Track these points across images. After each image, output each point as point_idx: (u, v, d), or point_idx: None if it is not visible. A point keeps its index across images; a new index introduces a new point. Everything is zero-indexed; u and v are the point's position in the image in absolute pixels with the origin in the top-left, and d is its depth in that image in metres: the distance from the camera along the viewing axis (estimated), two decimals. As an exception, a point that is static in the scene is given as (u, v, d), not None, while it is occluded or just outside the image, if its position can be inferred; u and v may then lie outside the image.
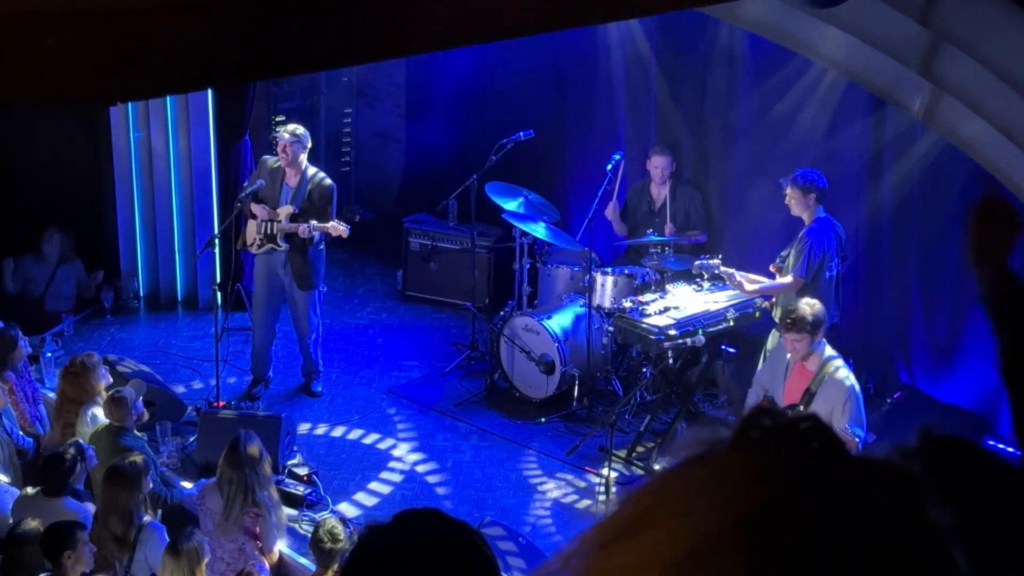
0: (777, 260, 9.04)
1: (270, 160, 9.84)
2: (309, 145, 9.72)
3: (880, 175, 9.38)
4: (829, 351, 7.89)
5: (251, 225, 9.85)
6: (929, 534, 0.99)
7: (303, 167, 9.67)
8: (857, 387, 7.76)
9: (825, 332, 7.86)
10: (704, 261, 9.20)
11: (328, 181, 9.78)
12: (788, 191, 8.86)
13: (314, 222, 9.59)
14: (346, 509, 8.68)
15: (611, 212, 10.25)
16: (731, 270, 9.00)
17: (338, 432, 9.74)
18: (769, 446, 1.01)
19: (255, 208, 9.76)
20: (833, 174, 9.43)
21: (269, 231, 9.72)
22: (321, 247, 9.90)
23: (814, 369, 7.83)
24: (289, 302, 10.05)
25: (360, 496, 8.93)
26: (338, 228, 9.65)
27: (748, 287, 8.92)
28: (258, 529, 7.16)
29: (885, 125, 9.19)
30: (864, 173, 9.46)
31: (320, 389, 10.32)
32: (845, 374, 7.78)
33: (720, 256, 9.25)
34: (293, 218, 9.64)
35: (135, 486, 6.96)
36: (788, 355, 7.99)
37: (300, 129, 9.68)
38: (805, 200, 8.80)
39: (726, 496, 0.97)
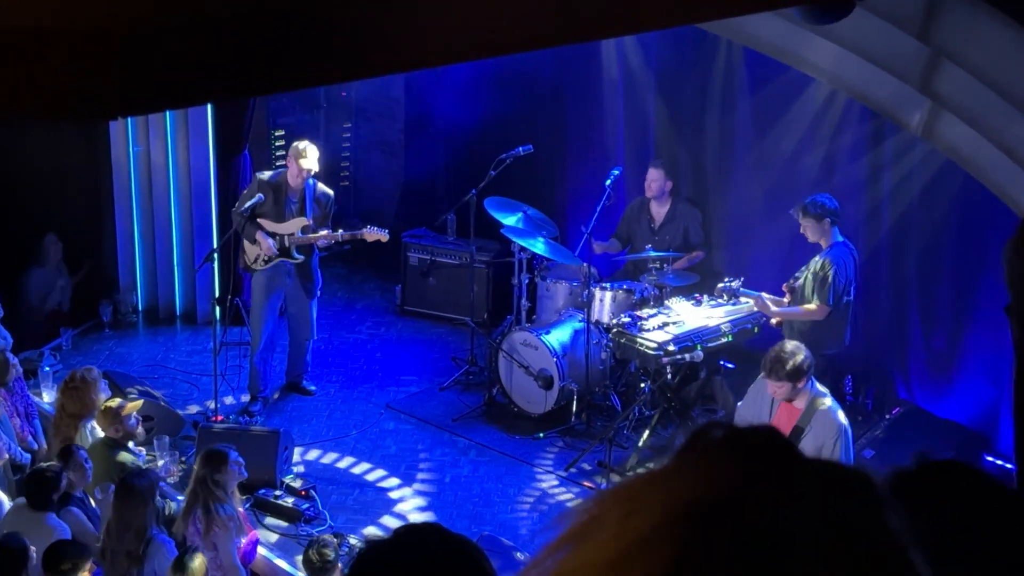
0: (791, 280, 8.94)
1: (267, 175, 9.87)
2: None
3: (879, 191, 9.39)
4: (818, 388, 7.53)
5: (258, 245, 9.82)
6: (881, 538, 0.99)
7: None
8: (848, 426, 7.42)
9: (810, 374, 7.40)
10: (727, 284, 9.13)
11: (328, 188, 9.97)
12: (801, 221, 8.72)
13: (342, 231, 9.84)
14: (344, 524, 8.66)
15: (600, 249, 10.29)
16: (758, 293, 8.93)
17: (336, 446, 9.73)
18: (716, 451, 1.02)
19: (260, 234, 9.74)
20: (832, 191, 9.45)
21: (284, 244, 9.76)
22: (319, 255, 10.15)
23: (802, 406, 7.43)
24: (291, 310, 10.14)
25: (357, 511, 8.90)
26: (374, 234, 9.84)
27: (774, 311, 8.78)
28: (216, 540, 7.18)
29: (884, 142, 9.20)
30: (863, 189, 9.48)
31: (313, 388, 10.43)
32: (836, 411, 7.42)
33: (742, 279, 9.19)
34: (305, 229, 9.74)
35: (148, 501, 6.99)
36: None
37: (310, 147, 9.72)
38: (821, 227, 8.64)
39: (666, 495, 0.98)
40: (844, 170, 9.51)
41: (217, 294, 11.13)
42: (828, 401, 7.44)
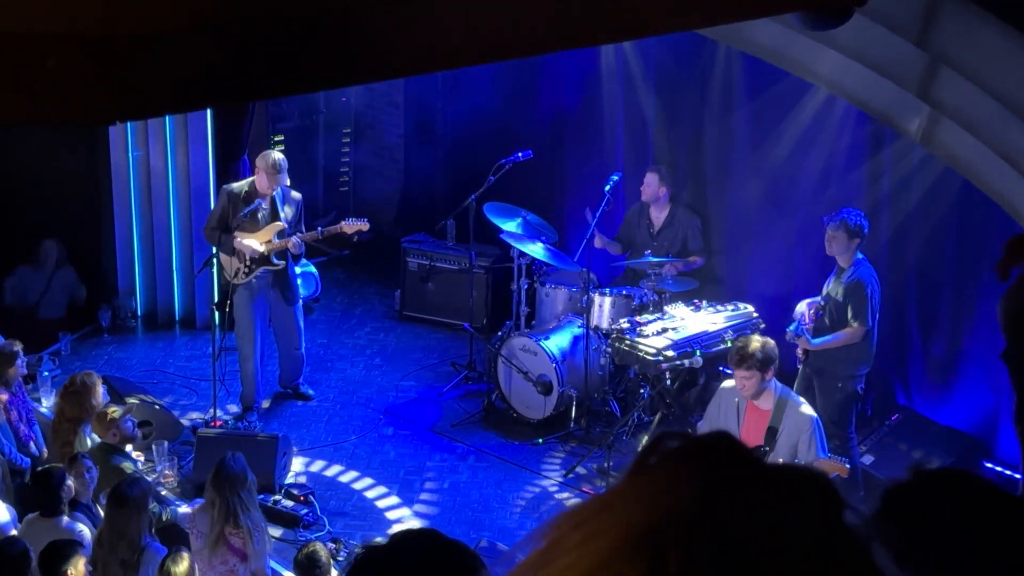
0: (820, 301, 8.72)
1: (235, 186, 9.80)
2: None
3: (878, 197, 9.38)
4: (782, 385, 7.59)
5: (229, 258, 9.79)
6: (843, 540, 1.00)
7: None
8: (816, 416, 7.47)
9: (775, 366, 7.48)
10: (798, 327, 8.76)
11: (295, 192, 9.88)
12: (832, 232, 8.52)
13: (321, 228, 9.87)
14: (342, 530, 8.66)
15: (600, 243, 10.24)
16: (800, 331, 8.67)
17: (335, 452, 9.73)
18: (672, 466, 1.02)
19: (237, 241, 9.67)
20: (831, 196, 9.45)
21: (263, 253, 9.69)
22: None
23: (770, 407, 7.46)
24: (276, 320, 10.11)
25: (356, 516, 8.90)
26: (353, 225, 9.82)
27: (813, 345, 8.56)
28: (247, 552, 7.15)
29: (883, 148, 9.19)
30: (862, 195, 9.46)
31: (312, 392, 10.45)
32: (803, 404, 7.49)
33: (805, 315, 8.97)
34: (280, 233, 9.69)
35: (141, 510, 6.96)
36: (737, 399, 7.62)
37: (279, 157, 9.67)
38: (850, 244, 8.49)
39: (625, 516, 0.98)
40: (843, 176, 9.50)
41: (216, 299, 11.13)
42: (793, 395, 7.55)
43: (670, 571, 0.93)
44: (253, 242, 9.61)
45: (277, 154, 9.69)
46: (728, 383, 7.88)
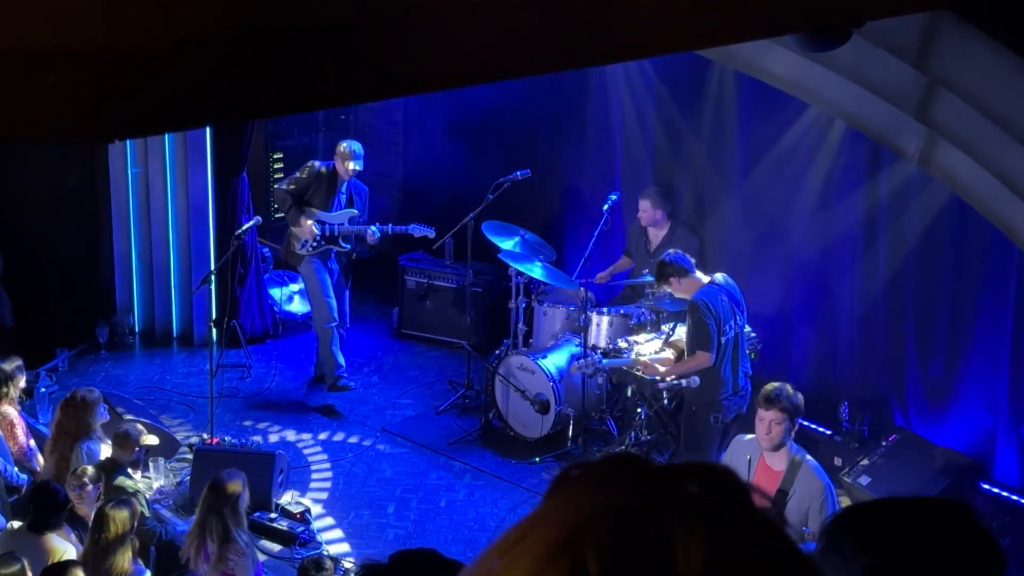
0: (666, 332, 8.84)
1: (320, 167, 10.43)
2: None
3: (876, 217, 9.39)
4: (797, 446, 7.11)
5: (302, 230, 10.34)
6: (750, 522, 1.02)
7: None
8: (831, 482, 7.02)
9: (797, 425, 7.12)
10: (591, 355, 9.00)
11: (363, 185, 10.68)
12: (667, 287, 8.66)
13: (392, 225, 10.69)
14: (339, 548, 8.65)
15: (604, 277, 10.46)
16: (644, 358, 8.81)
17: (331, 469, 9.71)
18: (577, 485, 1.06)
19: (303, 219, 10.30)
20: (830, 217, 9.46)
21: (333, 233, 10.40)
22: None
23: (783, 467, 6.94)
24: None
25: (353, 535, 8.89)
26: (422, 232, 10.59)
27: (661, 371, 8.63)
28: (235, 569, 7.14)
29: (881, 170, 9.20)
30: (860, 215, 9.47)
31: (353, 384, 10.89)
32: (819, 468, 6.99)
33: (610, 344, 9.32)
34: (352, 220, 10.48)
35: (127, 531, 6.95)
36: (749, 455, 7.13)
37: (357, 145, 10.39)
38: (682, 285, 8.58)
39: (544, 533, 1.02)
40: (840, 196, 9.50)
41: (214, 316, 11.13)
42: (809, 457, 7.10)
43: (592, 574, 0.97)
44: (317, 226, 10.33)
45: (347, 144, 10.37)
46: (745, 436, 7.44)
